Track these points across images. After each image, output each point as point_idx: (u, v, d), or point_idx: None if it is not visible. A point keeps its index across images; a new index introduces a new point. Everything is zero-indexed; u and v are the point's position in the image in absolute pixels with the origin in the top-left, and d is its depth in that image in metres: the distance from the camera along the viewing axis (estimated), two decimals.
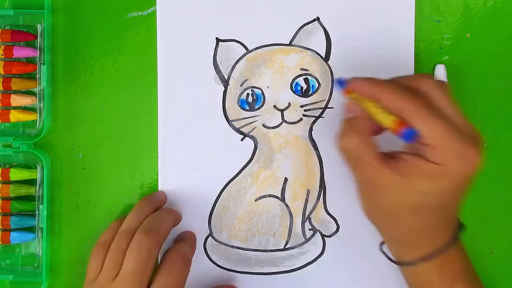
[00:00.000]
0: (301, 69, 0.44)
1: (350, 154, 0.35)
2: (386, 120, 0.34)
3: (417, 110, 0.33)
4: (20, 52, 0.44)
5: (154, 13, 0.45)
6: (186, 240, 0.43)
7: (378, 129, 0.36)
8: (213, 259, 0.45)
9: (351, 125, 0.35)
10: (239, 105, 0.45)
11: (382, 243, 0.40)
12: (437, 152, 0.32)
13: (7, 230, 0.44)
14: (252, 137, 0.45)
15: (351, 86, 0.35)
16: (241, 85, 0.44)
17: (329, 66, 0.44)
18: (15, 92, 0.44)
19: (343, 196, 0.44)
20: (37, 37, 0.44)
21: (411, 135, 0.33)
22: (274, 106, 0.44)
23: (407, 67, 0.44)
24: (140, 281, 0.37)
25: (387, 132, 0.35)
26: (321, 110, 0.44)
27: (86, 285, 0.39)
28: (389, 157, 0.35)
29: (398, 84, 0.35)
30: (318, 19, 0.44)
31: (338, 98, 0.44)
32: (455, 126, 0.33)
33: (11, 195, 0.44)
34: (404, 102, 0.33)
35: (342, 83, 0.36)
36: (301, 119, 0.44)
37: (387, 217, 0.36)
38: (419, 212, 0.34)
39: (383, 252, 0.39)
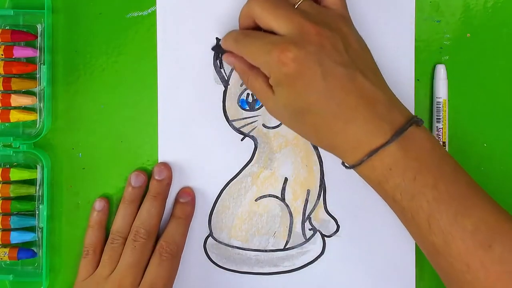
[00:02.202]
0: None
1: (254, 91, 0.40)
2: None
3: (244, 50, 0.38)
4: (20, 52, 0.44)
5: (154, 13, 0.45)
6: (185, 206, 0.44)
7: None
8: (213, 259, 0.45)
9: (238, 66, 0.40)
10: (239, 105, 0.45)
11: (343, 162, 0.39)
12: (264, 70, 0.37)
13: (7, 230, 0.44)
14: (252, 137, 0.45)
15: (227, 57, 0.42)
16: (241, 85, 0.44)
17: None
18: (15, 92, 0.44)
19: (343, 196, 0.44)
20: (37, 37, 0.44)
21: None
22: None
23: (407, 67, 0.44)
24: (136, 271, 0.41)
25: None
26: None
27: (77, 283, 0.42)
28: None
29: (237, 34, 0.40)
30: None
31: None
32: (267, 39, 0.36)
33: (11, 195, 0.44)
34: (237, 51, 0.39)
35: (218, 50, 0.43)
36: None
37: (305, 132, 0.38)
38: (307, 115, 0.36)
39: (344, 165, 0.38)
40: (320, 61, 0.35)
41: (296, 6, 0.37)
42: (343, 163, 0.38)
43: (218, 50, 0.44)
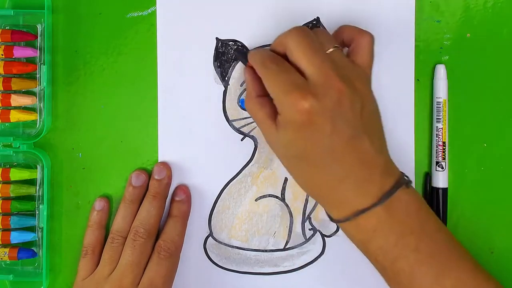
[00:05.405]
0: None
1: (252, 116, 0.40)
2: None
3: (266, 76, 0.37)
4: (20, 52, 0.44)
5: (154, 13, 0.45)
6: (180, 205, 0.44)
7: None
8: (213, 259, 0.45)
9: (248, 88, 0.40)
10: (239, 105, 0.45)
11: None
12: (277, 105, 0.36)
13: (7, 230, 0.44)
14: (252, 137, 0.45)
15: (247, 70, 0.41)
16: (241, 85, 0.44)
17: None
18: (15, 92, 0.44)
19: None
20: (37, 37, 0.44)
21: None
22: None
23: (407, 67, 0.44)
24: (136, 270, 0.41)
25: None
26: None
27: (77, 283, 0.43)
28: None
29: (269, 54, 0.38)
30: (318, 19, 0.44)
31: None
32: (291, 77, 0.36)
33: (11, 195, 0.44)
34: (260, 73, 0.38)
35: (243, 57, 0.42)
36: None
37: (297, 175, 0.39)
38: (304, 162, 0.37)
39: (329, 217, 0.39)
40: (332, 118, 0.35)
41: (327, 51, 0.37)
42: (328, 215, 0.39)
43: (241, 58, 0.43)
